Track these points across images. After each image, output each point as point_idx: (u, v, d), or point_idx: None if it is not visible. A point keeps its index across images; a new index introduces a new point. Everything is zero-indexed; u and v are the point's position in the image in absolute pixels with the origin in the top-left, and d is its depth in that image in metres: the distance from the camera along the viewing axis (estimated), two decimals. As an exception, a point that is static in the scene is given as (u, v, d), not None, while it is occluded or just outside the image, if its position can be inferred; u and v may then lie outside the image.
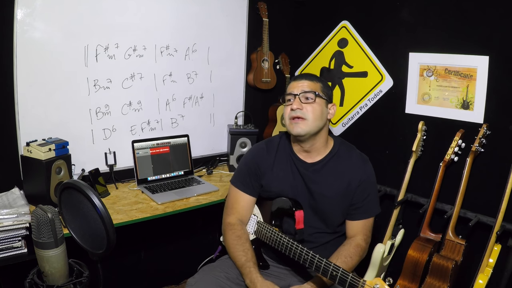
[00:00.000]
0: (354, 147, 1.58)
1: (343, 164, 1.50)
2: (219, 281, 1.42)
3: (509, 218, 1.67)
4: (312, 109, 1.43)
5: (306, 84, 1.45)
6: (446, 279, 1.69)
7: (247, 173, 1.58)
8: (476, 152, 1.78)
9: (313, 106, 1.43)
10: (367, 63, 2.29)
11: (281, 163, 1.54)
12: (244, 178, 1.58)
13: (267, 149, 1.58)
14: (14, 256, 1.48)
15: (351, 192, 1.48)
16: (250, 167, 1.58)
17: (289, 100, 1.47)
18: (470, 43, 1.83)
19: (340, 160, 1.51)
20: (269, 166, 1.55)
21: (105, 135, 2.07)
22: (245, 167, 1.59)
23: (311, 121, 1.43)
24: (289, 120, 1.45)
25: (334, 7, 2.45)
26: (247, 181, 1.57)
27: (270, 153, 1.57)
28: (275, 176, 1.53)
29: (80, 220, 1.28)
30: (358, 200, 1.48)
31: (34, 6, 1.72)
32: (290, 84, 1.51)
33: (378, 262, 1.88)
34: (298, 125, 1.42)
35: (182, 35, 2.24)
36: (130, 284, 2.30)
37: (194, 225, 2.46)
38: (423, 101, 2.04)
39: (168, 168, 2.20)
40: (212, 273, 1.45)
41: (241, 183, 1.58)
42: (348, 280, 1.15)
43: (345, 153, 1.53)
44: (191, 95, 2.37)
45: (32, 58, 1.75)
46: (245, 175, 1.58)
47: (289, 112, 1.44)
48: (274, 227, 1.47)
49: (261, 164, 1.56)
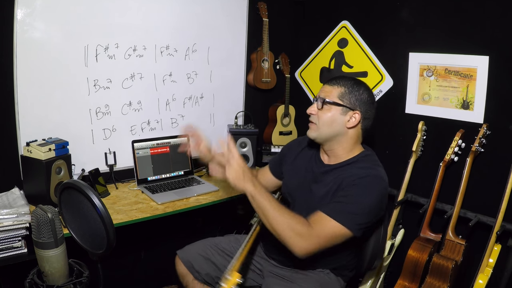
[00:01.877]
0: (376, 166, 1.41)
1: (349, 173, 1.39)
2: (206, 249, 1.63)
3: (509, 218, 1.67)
4: (320, 116, 1.45)
5: (326, 90, 1.46)
6: (446, 279, 1.69)
7: (278, 157, 1.75)
8: (476, 152, 1.78)
9: (321, 113, 1.44)
10: (367, 63, 2.29)
11: (303, 159, 1.61)
12: (275, 158, 1.77)
13: (299, 143, 1.68)
14: (14, 256, 1.48)
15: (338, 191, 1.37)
16: (281, 152, 1.74)
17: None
18: (470, 43, 1.83)
19: (350, 169, 1.41)
20: (292, 157, 1.65)
21: (105, 135, 2.07)
22: (280, 151, 1.78)
23: (320, 127, 1.45)
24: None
25: (334, 7, 2.45)
26: (275, 160, 1.75)
27: (299, 146, 1.66)
28: (291, 168, 1.63)
29: (80, 220, 1.28)
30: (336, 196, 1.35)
31: (34, 6, 1.72)
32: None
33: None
34: (309, 129, 1.49)
35: (182, 35, 2.24)
36: (130, 284, 2.30)
37: (194, 225, 2.46)
38: (423, 101, 2.04)
39: (168, 168, 2.20)
40: (203, 242, 1.68)
41: (271, 162, 1.79)
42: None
43: (360, 164, 1.41)
44: (191, 95, 2.37)
45: (32, 58, 1.75)
46: (276, 158, 1.76)
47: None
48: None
49: (288, 153, 1.68)
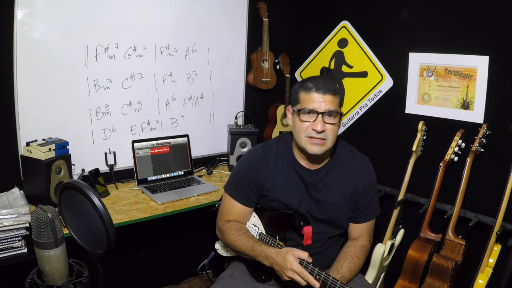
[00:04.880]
0: (354, 148, 1.53)
1: (346, 168, 1.45)
2: None
3: (509, 218, 1.67)
4: (333, 130, 1.33)
5: (329, 100, 1.31)
6: (446, 279, 1.69)
7: (242, 182, 1.46)
8: (476, 152, 1.78)
9: (335, 127, 1.33)
10: (367, 63, 2.29)
11: (282, 170, 1.44)
12: (240, 187, 1.46)
13: (265, 156, 1.45)
14: (14, 256, 1.48)
15: (356, 195, 1.44)
16: (247, 175, 1.45)
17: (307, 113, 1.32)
18: (470, 43, 1.83)
19: (343, 163, 1.45)
20: (270, 174, 1.43)
21: (105, 135, 2.07)
22: (241, 174, 1.47)
23: (330, 142, 1.34)
24: (306, 137, 1.33)
25: (334, 7, 2.45)
26: (243, 191, 1.46)
27: (269, 160, 1.44)
28: (277, 185, 1.43)
29: (80, 220, 1.27)
30: (363, 203, 1.45)
31: (34, 6, 1.72)
32: (310, 95, 1.32)
33: (378, 262, 1.89)
34: (317, 146, 1.32)
35: (182, 35, 2.24)
36: (130, 284, 2.30)
37: (194, 225, 2.46)
38: (423, 101, 2.04)
39: (168, 168, 2.20)
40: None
41: (236, 192, 1.47)
42: None
43: (346, 155, 1.47)
44: (191, 95, 2.37)
45: (32, 58, 1.75)
46: (241, 183, 1.46)
47: (309, 130, 1.32)
48: (279, 241, 1.39)
49: (261, 172, 1.44)
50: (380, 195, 2.11)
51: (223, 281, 1.47)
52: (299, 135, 1.36)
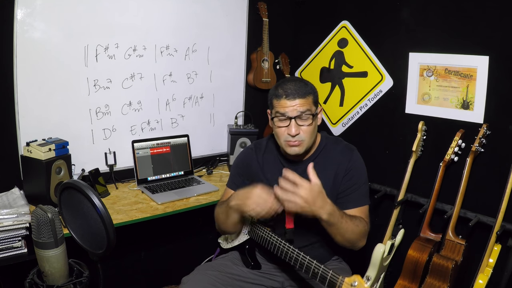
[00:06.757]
0: (341, 139, 1.58)
1: (330, 157, 1.50)
2: (211, 280, 1.44)
3: (509, 218, 1.67)
4: (308, 130, 1.39)
5: (300, 103, 1.37)
6: (446, 279, 1.69)
7: (237, 174, 1.64)
8: (476, 152, 1.78)
9: (310, 127, 1.39)
10: (367, 63, 2.29)
11: (269, 164, 1.56)
12: (236, 179, 1.63)
13: (255, 150, 1.61)
14: (14, 256, 1.48)
15: (338, 182, 1.47)
16: (241, 167, 1.63)
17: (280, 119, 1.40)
18: (470, 43, 1.83)
19: (327, 154, 1.51)
20: (258, 166, 1.58)
21: (105, 135, 2.07)
22: (236, 168, 1.65)
23: (307, 142, 1.42)
24: (284, 141, 1.42)
25: (334, 7, 2.45)
26: (239, 182, 1.61)
27: (258, 154, 1.60)
28: (265, 176, 1.55)
29: (80, 220, 1.28)
30: (345, 188, 1.46)
31: (34, 6, 1.72)
32: (280, 102, 1.39)
33: (378, 262, 1.88)
34: (295, 147, 1.41)
35: (182, 35, 2.24)
36: (130, 284, 2.30)
37: (194, 225, 2.46)
38: (423, 101, 2.04)
39: (168, 168, 2.20)
40: (206, 272, 1.48)
41: (233, 183, 1.63)
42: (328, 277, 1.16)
43: (331, 146, 1.53)
44: (191, 95, 2.37)
45: (32, 58, 1.76)
46: (236, 176, 1.64)
47: (285, 135, 1.40)
48: (266, 227, 1.47)
49: (251, 164, 1.59)
50: (380, 195, 2.11)
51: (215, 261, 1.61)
52: (278, 139, 1.46)
